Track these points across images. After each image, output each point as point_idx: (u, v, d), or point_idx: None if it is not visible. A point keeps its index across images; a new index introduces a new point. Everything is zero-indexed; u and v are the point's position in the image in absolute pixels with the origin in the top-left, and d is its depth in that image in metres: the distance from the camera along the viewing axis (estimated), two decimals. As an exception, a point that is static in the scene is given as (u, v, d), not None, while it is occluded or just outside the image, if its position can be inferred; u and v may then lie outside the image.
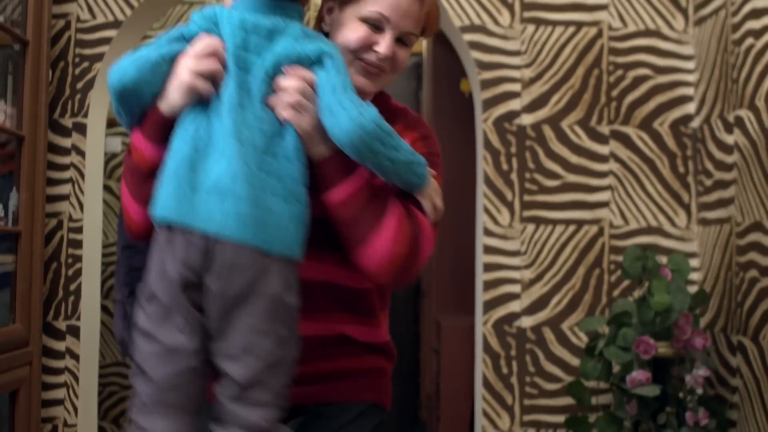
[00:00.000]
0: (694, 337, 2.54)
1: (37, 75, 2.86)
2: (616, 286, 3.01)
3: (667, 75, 3.08)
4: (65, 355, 2.98)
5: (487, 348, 2.99)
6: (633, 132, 3.07)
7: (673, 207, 3.05)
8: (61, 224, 3.02)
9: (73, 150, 3.04)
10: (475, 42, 3.08)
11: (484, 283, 3.01)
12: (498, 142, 3.04)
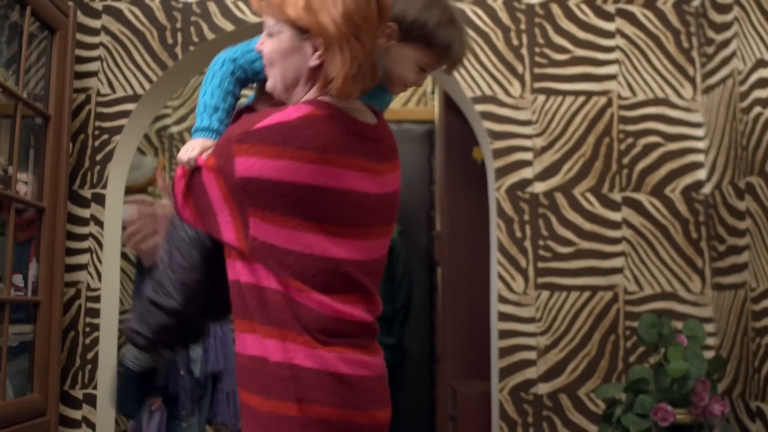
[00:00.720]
0: (713, 403, 2.53)
1: (58, 147, 2.92)
2: (632, 352, 3.01)
3: (677, 142, 3.13)
4: (81, 423, 2.98)
5: (504, 415, 2.98)
6: (645, 198, 3.10)
7: (687, 272, 3.06)
8: (79, 293, 3.04)
9: (92, 220, 3.08)
10: (487, 112, 3.13)
11: (499, 350, 3.01)
12: (511, 210, 3.08)
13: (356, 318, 1.63)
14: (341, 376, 1.57)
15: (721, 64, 2.97)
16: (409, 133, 5.13)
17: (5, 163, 2.64)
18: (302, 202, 1.57)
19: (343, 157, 1.60)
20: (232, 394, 4.08)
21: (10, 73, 2.80)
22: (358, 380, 1.60)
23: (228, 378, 4.09)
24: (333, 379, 1.57)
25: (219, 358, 4.04)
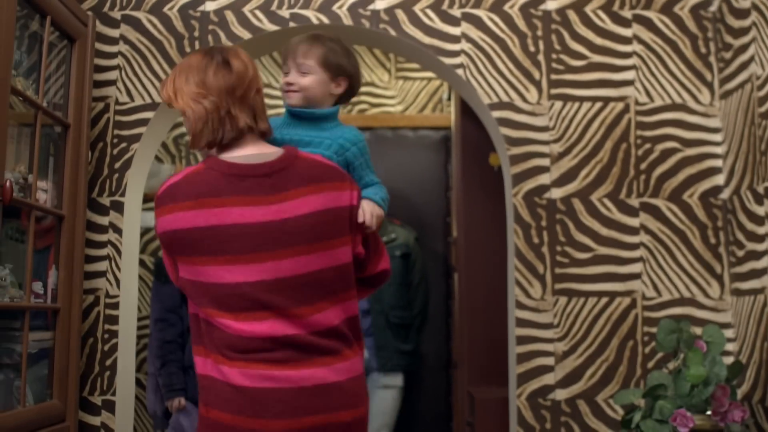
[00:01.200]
0: (732, 409, 2.52)
1: (77, 156, 2.94)
2: (650, 358, 3.00)
3: (695, 147, 3.12)
4: (100, 430, 3.00)
5: (522, 421, 2.98)
6: (663, 204, 3.09)
7: (705, 278, 3.05)
8: (98, 300, 3.06)
9: (111, 228, 3.10)
10: (504, 118, 3.14)
11: (517, 355, 3.01)
12: (528, 216, 3.07)
13: (260, 334, 1.95)
14: (238, 388, 1.93)
15: (739, 69, 2.97)
16: (425, 140, 5.14)
17: (25, 172, 2.66)
18: (195, 242, 1.98)
19: (218, 198, 1.99)
20: None
21: (30, 83, 2.82)
22: (256, 392, 1.92)
23: None
24: (231, 390, 1.93)
25: None
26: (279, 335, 1.96)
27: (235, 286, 1.97)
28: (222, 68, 2.07)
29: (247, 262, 1.98)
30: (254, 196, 2.01)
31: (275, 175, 2.04)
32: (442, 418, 4.89)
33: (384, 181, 4.81)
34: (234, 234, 1.98)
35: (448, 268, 4.94)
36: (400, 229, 4.61)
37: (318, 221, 2.04)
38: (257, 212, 2.00)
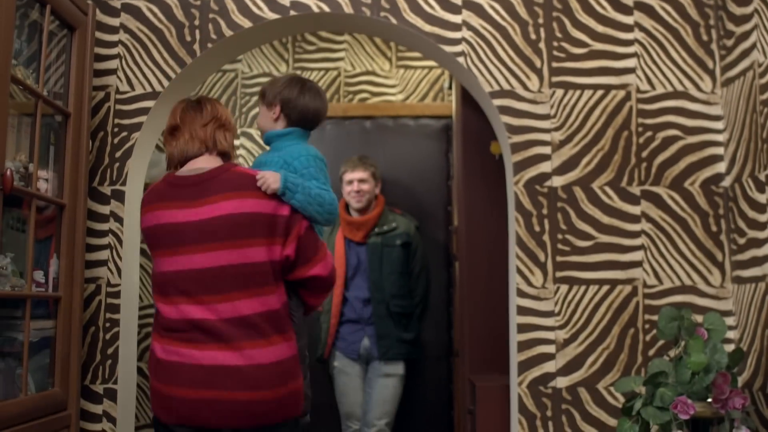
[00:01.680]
0: (733, 396, 2.52)
1: (78, 145, 2.94)
2: (651, 346, 3.00)
3: (697, 135, 3.11)
4: (102, 418, 3.00)
5: (523, 408, 2.98)
6: (664, 192, 3.09)
7: (706, 266, 3.05)
8: (100, 289, 3.07)
9: (112, 217, 3.10)
10: (505, 106, 3.13)
11: (518, 343, 3.01)
12: (529, 204, 3.07)
13: (177, 316, 2.42)
14: (158, 359, 2.44)
15: (741, 56, 2.96)
16: (426, 129, 5.13)
17: (26, 161, 2.65)
18: (150, 237, 2.54)
19: (162, 202, 2.52)
20: None
21: (30, 72, 2.81)
22: (168, 364, 2.41)
23: None
24: (155, 361, 2.46)
25: None
26: (191, 318, 2.40)
27: (165, 275, 2.47)
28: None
29: (172, 255, 2.46)
30: (182, 201, 2.49)
31: (202, 184, 2.49)
32: (443, 406, 4.89)
33: (385, 170, 4.84)
34: (166, 231, 2.49)
35: (450, 257, 4.94)
36: (400, 218, 4.61)
37: (231, 222, 2.44)
38: (181, 214, 2.47)
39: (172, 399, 2.39)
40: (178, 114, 2.68)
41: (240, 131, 5.10)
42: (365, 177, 4.49)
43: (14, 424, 2.40)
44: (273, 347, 2.41)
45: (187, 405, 2.37)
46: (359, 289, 4.46)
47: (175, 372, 2.39)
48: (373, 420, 4.35)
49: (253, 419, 2.39)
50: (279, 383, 2.41)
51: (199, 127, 2.61)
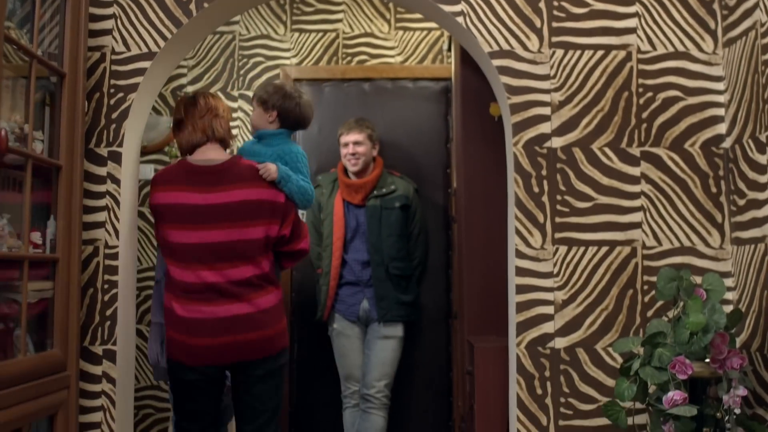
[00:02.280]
0: (731, 356, 2.53)
1: (74, 106, 2.91)
2: (649, 307, 3.00)
3: (697, 96, 3.09)
4: (102, 379, 3.01)
5: (521, 369, 2.99)
6: (664, 153, 3.07)
7: (706, 227, 3.04)
8: (97, 251, 3.06)
9: (109, 178, 3.09)
10: (504, 67, 3.10)
11: (516, 304, 3.01)
12: (529, 165, 3.06)
13: (194, 280, 3.12)
14: (180, 317, 3.12)
15: (743, 16, 2.92)
16: (425, 91, 5.10)
17: (21, 121, 2.63)
18: (163, 213, 3.19)
19: (180, 185, 3.18)
20: None
21: (25, 32, 2.78)
22: (190, 320, 3.10)
23: None
24: (177, 317, 3.13)
25: None
26: (207, 281, 3.11)
27: (182, 245, 3.15)
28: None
29: (190, 230, 3.14)
30: (201, 186, 3.18)
31: (217, 174, 3.20)
32: (441, 367, 4.92)
33: (383, 132, 4.82)
34: (186, 210, 3.15)
35: (448, 220, 4.94)
36: (399, 180, 4.60)
37: (241, 208, 3.16)
38: (201, 198, 3.16)
39: (198, 347, 3.09)
40: (181, 109, 3.35)
41: (237, 93, 5.07)
42: (360, 139, 4.48)
43: (13, 385, 2.41)
44: (269, 295, 3.18)
45: (212, 350, 3.09)
46: (358, 251, 4.46)
47: (200, 325, 3.09)
48: (373, 381, 4.37)
49: (261, 352, 3.15)
50: (276, 322, 3.19)
51: (198, 119, 3.30)
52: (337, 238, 4.46)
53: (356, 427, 4.43)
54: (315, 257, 4.68)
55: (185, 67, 5.11)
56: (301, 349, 4.96)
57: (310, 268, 4.82)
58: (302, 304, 4.96)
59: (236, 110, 5.06)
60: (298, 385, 4.95)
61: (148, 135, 4.92)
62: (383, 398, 4.38)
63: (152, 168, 4.99)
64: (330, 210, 4.53)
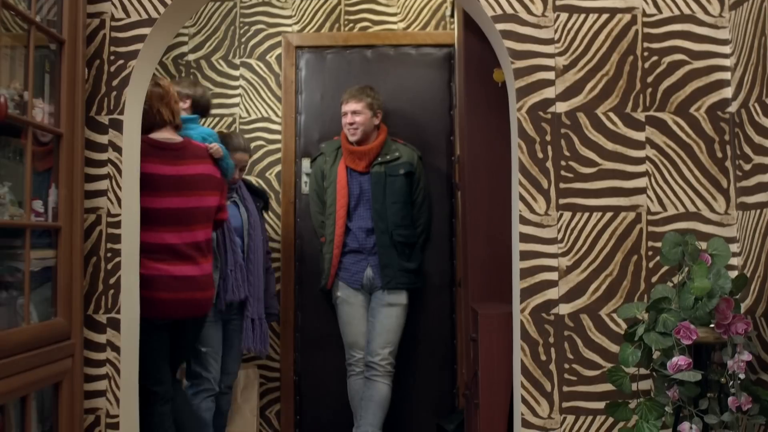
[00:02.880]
0: (736, 321, 2.52)
1: (74, 73, 2.89)
2: (654, 273, 2.99)
3: (703, 60, 3.06)
4: (106, 347, 3.02)
5: (525, 335, 2.99)
6: (669, 118, 3.04)
7: (711, 192, 3.02)
8: (100, 219, 3.05)
9: (110, 146, 3.07)
10: (508, 31, 3.07)
11: (520, 271, 3.00)
12: (533, 131, 3.03)
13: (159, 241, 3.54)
14: (144, 275, 3.38)
15: (750, -23, 2.89)
16: (427, 57, 5.06)
17: (20, 89, 2.61)
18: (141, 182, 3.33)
19: (148, 157, 3.51)
20: (258, 321, 4.15)
21: (22, -1, 2.75)
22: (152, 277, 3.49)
23: (254, 305, 4.15)
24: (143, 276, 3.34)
25: (240, 287, 4.08)
26: (166, 243, 3.56)
27: (152, 210, 3.50)
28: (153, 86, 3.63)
29: (158, 197, 3.56)
30: (166, 159, 3.63)
31: (178, 151, 3.69)
32: (445, 335, 4.93)
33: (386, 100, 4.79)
34: (154, 180, 3.54)
35: (452, 188, 4.92)
36: (403, 147, 4.58)
37: (200, 179, 3.70)
38: (167, 169, 3.62)
39: (156, 301, 3.48)
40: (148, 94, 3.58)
41: (239, 61, 5.03)
42: (358, 109, 4.46)
43: (17, 353, 2.41)
44: (208, 262, 3.74)
45: (167, 304, 3.54)
46: (362, 219, 4.45)
47: (162, 283, 3.53)
48: (377, 349, 4.38)
49: (201, 311, 3.73)
50: (212, 285, 3.80)
51: (159, 102, 3.67)
52: (340, 206, 4.45)
53: (361, 395, 4.45)
54: (318, 225, 4.67)
55: (186, 35, 5.07)
56: (305, 317, 4.97)
57: (314, 237, 4.81)
58: (306, 273, 4.96)
59: (238, 78, 5.02)
60: (302, 353, 4.96)
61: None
62: (387, 366, 4.39)
63: (154, 137, 4.97)
64: (333, 178, 4.52)
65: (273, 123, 5.01)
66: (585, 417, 2.97)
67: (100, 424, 3.00)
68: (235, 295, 4.06)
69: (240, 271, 4.12)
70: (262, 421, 4.85)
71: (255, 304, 4.18)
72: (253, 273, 4.18)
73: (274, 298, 4.43)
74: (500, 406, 3.35)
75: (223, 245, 4.05)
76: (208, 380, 4.03)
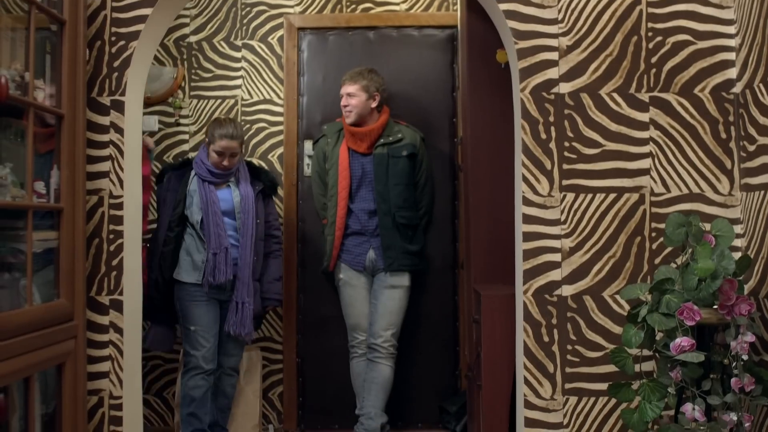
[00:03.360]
0: (739, 303, 2.51)
1: (75, 54, 2.88)
2: (657, 254, 2.98)
3: (708, 40, 3.04)
4: (109, 329, 3.02)
5: (528, 317, 2.99)
6: (673, 99, 3.03)
7: (715, 173, 3.01)
8: (102, 201, 3.05)
9: (112, 128, 3.06)
10: (512, 11, 3.05)
11: (523, 252, 3.00)
12: (536, 112, 3.02)
13: None
14: None
15: (756, -44, 2.86)
16: (430, 39, 5.03)
17: (21, 69, 2.60)
18: None
19: None
20: (241, 305, 4.13)
21: (24, -21, 2.74)
22: None
23: (240, 288, 4.12)
24: None
25: (226, 269, 4.07)
26: None
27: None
28: None
29: None
30: None
31: None
32: (448, 317, 4.92)
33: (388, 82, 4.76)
34: None
35: (455, 170, 4.90)
36: (406, 129, 4.56)
37: None
38: None
39: None
40: None
41: (241, 43, 5.01)
42: (353, 91, 4.44)
43: (20, 334, 2.41)
44: None
45: None
46: (365, 201, 4.44)
47: None
48: (379, 331, 4.38)
49: None
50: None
51: None
52: (342, 188, 4.43)
53: (363, 377, 4.45)
54: (320, 207, 4.66)
55: (187, 17, 5.04)
56: (308, 299, 4.97)
57: (317, 219, 4.80)
58: (308, 255, 4.95)
59: (240, 60, 5.00)
60: (305, 335, 4.96)
61: (152, 86, 4.88)
62: (390, 348, 4.39)
63: (156, 119, 4.95)
64: (335, 159, 4.50)
65: (275, 105, 4.99)
66: (587, 398, 2.97)
67: (103, 405, 3.01)
68: (217, 279, 4.05)
69: (225, 254, 4.09)
70: (265, 403, 4.86)
71: (240, 287, 4.15)
72: (241, 257, 4.15)
73: (274, 283, 4.38)
74: (503, 388, 3.35)
75: (208, 229, 4.05)
76: (196, 358, 4.05)
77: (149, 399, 4.87)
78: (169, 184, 4.17)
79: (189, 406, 4.06)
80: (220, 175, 4.15)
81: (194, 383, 4.05)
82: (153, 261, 4.11)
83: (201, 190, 4.10)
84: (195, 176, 4.14)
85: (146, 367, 4.86)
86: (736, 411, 2.53)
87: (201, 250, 4.08)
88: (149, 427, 4.81)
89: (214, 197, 4.10)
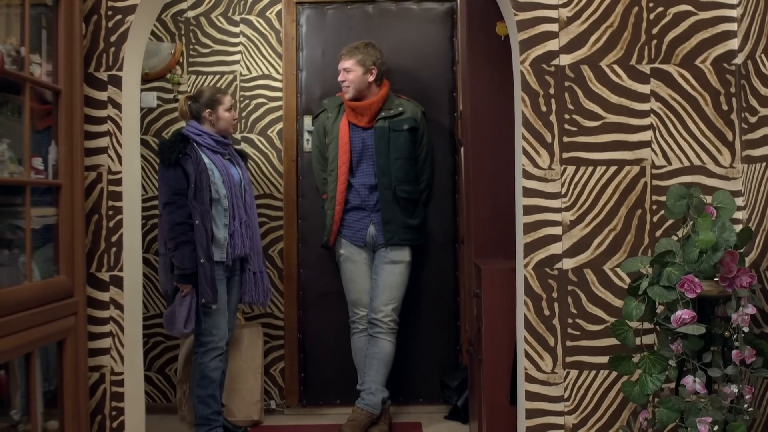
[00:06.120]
0: (741, 275, 2.50)
1: (71, 29, 2.85)
2: (658, 227, 2.97)
3: (710, 11, 3.01)
4: (109, 305, 3.02)
5: (529, 290, 2.98)
6: (674, 70, 3.00)
7: (716, 145, 2.99)
8: (101, 177, 3.04)
9: (110, 103, 3.04)
10: (511, -18, 3.02)
11: (524, 225, 2.99)
12: (536, 84, 3.00)
13: None
14: None
15: (758, -76, 2.83)
16: (429, 12, 5.00)
17: (17, 44, 2.58)
18: None
19: None
20: (259, 274, 4.18)
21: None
22: None
23: (255, 259, 4.18)
24: None
25: (245, 242, 4.10)
26: None
27: None
28: None
29: None
30: None
31: None
32: (449, 291, 4.93)
33: (388, 56, 4.73)
34: None
35: (455, 145, 4.89)
36: (407, 103, 4.54)
37: None
38: None
39: None
40: None
41: (239, 17, 4.97)
42: (349, 66, 4.41)
43: (20, 310, 2.41)
44: None
45: None
46: (365, 175, 4.43)
47: None
48: (380, 306, 4.38)
49: None
50: None
51: None
52: (342, 162, 4.42)
53: (364, 352, 4.46)
54: (320, 182, 4.65)
55: (185, -9, 5.01)
56: (309, 275, 4.97)
57: (317, 194, 4.79)
58: (309, 230, 4.94)
59: (238, 35, 4.97)
60: (305, 311, 4.97)
61: (150, 62, 4.85)
62: (391, 323, 4.40)
63: (155, 96, 4.93)
64: (335, 134, 4.48)
65: (274, 80, 4.97)
66: (588, 371, 2.98)
67: (105, 381, 3.01)
68: (242, 250, 4.09)
69: (245, 227, 4.13)
70: (266, 378, 4.87)
71: (255, 257, 4.20)
72: (252, 228, 4.20)
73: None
74: (504, 362, 3.35)
75: (231, 202, 4.05)
76: (218, 338, 4.04)
77: (151, 376, 4.89)
78: (188, 159, 3.99)
79: (208, 388, 4.04)
80: (226, 145, 4.16)
81: (215, 365, 4.05)
82: (180, 239, 3.92)
83: (218, 163, 4.08)
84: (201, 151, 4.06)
85: (148, 344, 4.87)
86: (736, 383, 2.53)
87: (220, 227, 4.04)
88: (151, 404, 4.82)
89: (230, 170, 4.12)
